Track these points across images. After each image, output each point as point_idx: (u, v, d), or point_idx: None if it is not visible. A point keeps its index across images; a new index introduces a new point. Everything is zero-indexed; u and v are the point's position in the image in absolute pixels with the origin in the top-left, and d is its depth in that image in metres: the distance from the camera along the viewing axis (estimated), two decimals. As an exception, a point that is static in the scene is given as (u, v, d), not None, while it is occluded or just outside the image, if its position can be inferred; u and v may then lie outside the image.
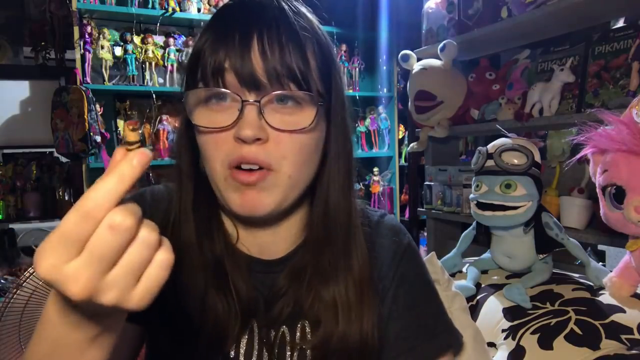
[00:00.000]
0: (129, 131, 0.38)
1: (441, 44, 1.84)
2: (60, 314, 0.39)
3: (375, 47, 3.23)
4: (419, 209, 2.28)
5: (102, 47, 2.49)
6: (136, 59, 2.58)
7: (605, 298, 0.97)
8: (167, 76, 2.65)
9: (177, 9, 2.62)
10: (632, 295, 0.96)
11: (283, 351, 0.62)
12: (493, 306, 1.06)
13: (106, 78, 2.53)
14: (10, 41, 2.83)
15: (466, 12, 1.89)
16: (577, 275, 1.11)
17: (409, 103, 2.06)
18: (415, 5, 2.37)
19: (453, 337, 0.67)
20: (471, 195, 1.15)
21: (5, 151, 2.71)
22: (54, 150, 2.51)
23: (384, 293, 0.65)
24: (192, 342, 0.59)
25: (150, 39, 2.61)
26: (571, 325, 0.91)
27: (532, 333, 0.94)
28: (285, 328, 0.62)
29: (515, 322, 0.99)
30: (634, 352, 0.83)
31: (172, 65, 2.65)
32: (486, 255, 1.21)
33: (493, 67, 1.93)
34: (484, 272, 1.19)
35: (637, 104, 0.91)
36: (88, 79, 2.45)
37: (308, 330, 0.62)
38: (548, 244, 1.11)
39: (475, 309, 1.09)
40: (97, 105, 2.37)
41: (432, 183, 2.13)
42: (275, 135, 0.54)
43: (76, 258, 0.34)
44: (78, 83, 2.36)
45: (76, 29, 2.39)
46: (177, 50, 2.67)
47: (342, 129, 0.61)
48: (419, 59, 2.01)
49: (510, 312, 1.02)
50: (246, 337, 0.61)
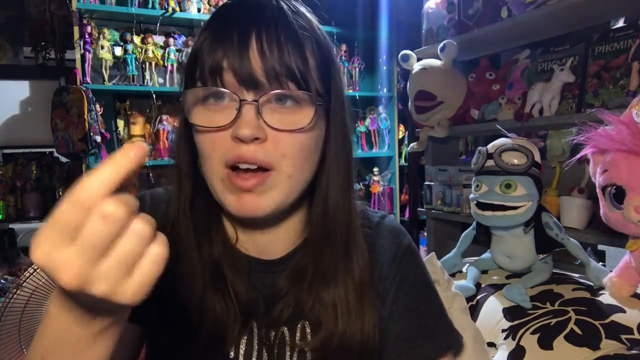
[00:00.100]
0: (138, 126, 0.38)
1: (441, 44, 1.84)
2: (63, 309, 0.39)
3: (375, 47, 3.23)
4: (419, 209, 2.28)
5: (102, 47, 2.49)
6: (136, 59, 2.58)
7: (605, 298, 0.97)
8: (167, 76, 2.65)
9: (177, 9, 2.62)
10: (632, 295, 0.96)
11: (283, 352, 0.62)
12: (493, 306, 1.06)
13: (106, 78, 2.53)
14: (10, 41, 2.83)
15: (466, 12, 1.89)
16: (577, 275, 1.11)
17: (409, 103, 2.06)
18: (415, 5, 2.37)
19: (453, 338, 0.67)
20: (471, 195, 1.15)
21: (5, 151, 2.71)
22: (54, 150, 2.51)
23: (384, 294, 0.65)
24: (191, 343, 0.59)
25: (150, 39, 2.61)
26: (571, 325, 0.91)
27: (532, 333, 0.94)
28: (285, 329, 0.62)
29: (515, 322, 0.99)
30: (634, 352, 0.83)
31: (172, 65, 2.65)
32: (486, 255, 1.21)
33: (493, 67, 1.93)
34: (484, 272, 1.19)
35: (637, 104, 0.91)
36: (88, 79, 2.45)
37: (308, 331, 0.62)
38: (548, 244, 1.11)
39: (475, 309, 1.09)
40: (97, 105, 2.37)
41: (432, 183, 2.13)
42: (274, 134, 0.54)
43: (69, 247, 0.34)
44: (78, 83, 2.36)
45: (76, 29, 2.39)
46: (177, 50, 2.67)
47: (341, 129, 0.61)
48: (419, 59, 2.01)
49: (510, 312, 1.02)
50: (246, 337, 0.61)
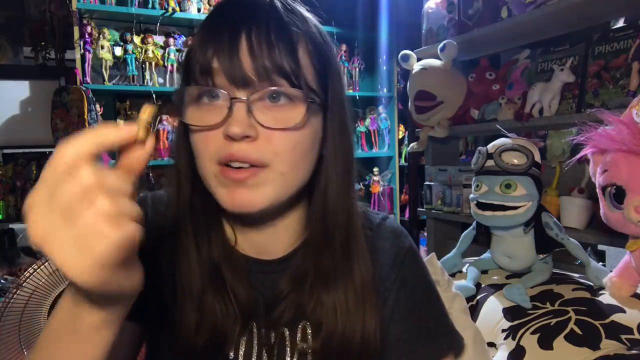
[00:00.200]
0: (147, 111, 0.42)
1: (441, 44, 1.84)
2: (65, 297, 0.43)
3: (375, 47, 3.23)
4: (419, 209, 2.28)
5: (102, 47, 2.49)
6: (136, 59, 2.58)
7: (605, 298, 0.97)
8: (167, 76, 2.65)
9: (177, 9, 2.62)
10: (632, 295, 0.96)
11: (283, 352, 0.62)
12: (493, 306, 1.06)
13: (106, 78, 2.53)
14: (10, 41, 2.82)
15: (466, 12, 1.89)
16: (577, 275, 1.11)
17: (409, 103, 2.06)
18: (415, 5, 2.37)
19: (454, 339, 0.67)
20: (471, 195, 1.15)
21: (5, 151, 2.71)
22: (54, 150, 2.50)
23: (385, 295, 0.65)
24: (191, 344, 0.59)
25: (150, 39, 2.61)
26: (571, 325, 0.91)
27: (532, 333, 0.94)
28: (285, 329, 0.62)
29: (515, 322, 0.99)
30: (634, 352, 0.83)
31: (172, 65, 2.65)
32: (486, 255, 1.21)
33: (493, 67, 1.93)
34: (484, 272, 1.19)
35: (637, 104, 0.91)
36: (88, 79, 2.45)
37: (309, 332, 0.62)
38: (548, 244, 1.11)
39: (475, 309, 1.09)
40: (97, 105, 2.37)
41: (432, 183, 2.13)
42: (266, 132, 0.53)
43: (44, 204, 0.36)
44: (78, 83, 2.36)
45: (76, 29, 2.39)
46: (177, 50, 2.67)
47: (340, 129, 0.60)
48: (419, 59, 2.01)
49: (510, 312, 1.02)
50: (245, 338, 0.61)
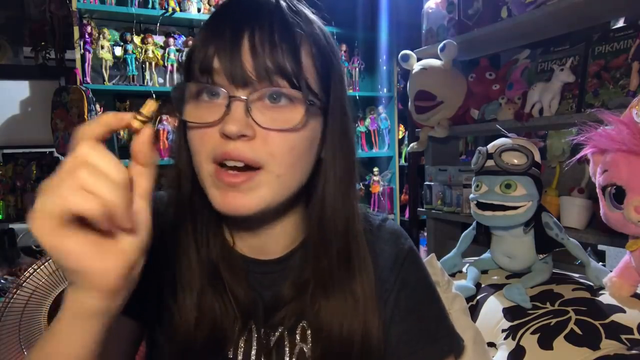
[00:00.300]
0: (148, 106, 0.43)
1: (441, 44, 1.84)
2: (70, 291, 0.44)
3: (375, 47, 3.23)
4: (419, 209, 2.28)
5: (102, 47, 2.49)
6: (136, 59, 2.58)
7: (605, 298, 0.97)
8: (167, 76, 2.65)
9: (177, 9, 2.62)
10: (632, 295, 0.96)
11: (282, 352, 0.62)
12: (493, 306, 1.06)
13: (106, 78, 2.53)
14: (10, 41, 2.82)
15: (466, 12, 1.89)
16: (577, 275, 1.11)
17: (409, 103, 2.06)
18: (415, 5, 2.37)
19: (454, 341, 0.67)
20: (471, 195, 1.15)
21: (5, 151, 2.71)
22: (54, 150, 2.51)
23: (385, 297, 0.65)
24: (190, 343, 0.59)
25: (150, 39, 2.61)
26: (571, 325, 0.91)
27: (532, 333, 0.94)
28: (285, 331, 0.62)
29: (515, 322, 0.99)
30: (634, 352, 0.83)
31: (172, 65, 2.65)
32: (486, 255, 1.21)
33: (493, 67, 1.93)
34: (484, 272, 1.19)
35: (637, 104, 0.90)
36: (88, 79, 2.45)
37: (309, 333, 0.62)
38: (548, 244, 1.11)
39: (475, 309, 1.09)
40: (97, 105, 2.37)
41: (432, 183, 2.13)
42: (264, 133, 0.53)
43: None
44: (78, 83, 2.36)
45: (76, 29, 2.39)
46: (177, 50, 2.67)
47: (340, 132, 0.60)
48: (419, 59, 2.01)
49: (510, 312, 1.02)
50: (244, 337, 0.61)
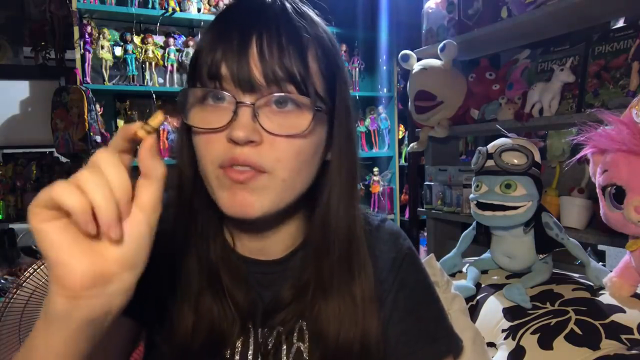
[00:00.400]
0: (157, 118, 0.46)
1: (441, 44, 1.84)
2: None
3: (375, 47, 3.23)
4: (419, 209, 2.28)
5: (102, 47, 2.49)
6: (136, 59, 2.58)
7: (605, 298, 0.97)
8: (167, 76, 2.65)
9: (177, 9, 2.62)
10: (632, 295, 0.96)
11: (279, 354, 0.62)
12: (493, 306, 1.06)
13: (106, 78, 2.53)
14: (10, 41, 2.82)
15: (466, 12, 1.88)
16: (577, 275, 1.11)
17: (409, 103, 2.06)
18: (415, 5, 2.37)
19: (453, 342, 0.67)
20: (471, 195, 1.15)
21: (5, 151, 2.71)
22: (54, 150, 2.51)
23: (384, 297, 0.65)
24: (187, 344, 0.59)
25: (150, 39, 2.61)
26: (571, 325, 0.91)
27: (532, 333, 0.94)
28: (282, 331, 0.62)
29: (515, 322, 0.99)
30: (634, 352, 0.83)
31: (172, 65, 2.65)
32: (486, 255, 1.21)
33: (493, 67, 1.93)
34: (484, 272, 1.19)
35: (637, 104, 0.91)
36: (88, 79, 2.45)
37: (306, 333, 0.62)
38: (548, 244, 1.11)
39: (475, 309, 1.09)
40: (97, 105, 2.37)
41: (432, 183, 2.13)
42: (271, 138, 0.53)
43: None
44: (78, 83, 2.36)
45: (76, 29, 2.39)
46: (177, 50, 2.67)
47: (345, 136, 0.60)
48: (419, 59, 2.01)
49: (510, 312, 1.02)
50: (242, 338, 0.61)
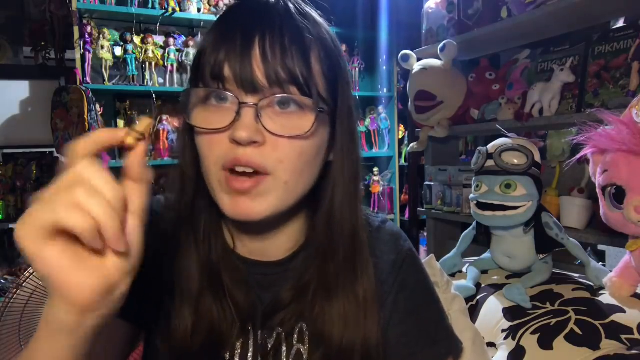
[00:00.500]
0: (143, 123, 0.44)
1: (441, 44, 1.84)
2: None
3: (375, 47, 3.23)
4: (419, 209, 2.28)
5: (102, 47, 2.49)
6: (136, 59, 2.58)
7: (605, 298, 0.97)
8: (167, 76, 2.65)
9: (177, 9, 2.62)
10: (632, 295, 0.96)
11: (279, 355, 0.62)
12: (493, 306, 1.06)
13: (106, 78, 2.53)
14: (10, 41, 2.82)
15: (466, 12, 1.88)
16: (577, 275, 1.11)
17: (409, 103, 2.06)
18: (415, 5, 2.37)
19: (453, 344, 0.67)
20: (471, 195, 1.15)
21: (5, 151, 2.71)
22: (54, 150, 2.51)
23: (384, 299, 0.65)
24: (187, 345, 0.58)
25: (150, 39, 2.61)
26: (571, 325, 0.91)
27: (532, 333, 0.94)
28: (282, 332, 0.62)
29: (515, 322, 0.99)
30: (634, 352, 0.83)
31: (172, 65, 2.65)
32: (486, 255, 1.21)
33: (493, 67, 1.93)
34: (484, 272, 1.19)
35: (637, 104, 0.91)
36: (88, 79, 2.45)
37: (306, 334, 0.62)
38: (548, 244, 1.11)
39: (475, 309, 1.09)
40: (97, 105, 2.37)
41: (432, 183, 2.13)
42: (273, 139, 0.52)
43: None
44: (78, 83, 2.36)
45: (76, 29, 2.39)
46: (177, 50, 2.67)
47: (348, 137, 0.60)
48: (419, 59, 2.00)
49: (510, 312, 1.02)
50: (241, 340, 0.61)
